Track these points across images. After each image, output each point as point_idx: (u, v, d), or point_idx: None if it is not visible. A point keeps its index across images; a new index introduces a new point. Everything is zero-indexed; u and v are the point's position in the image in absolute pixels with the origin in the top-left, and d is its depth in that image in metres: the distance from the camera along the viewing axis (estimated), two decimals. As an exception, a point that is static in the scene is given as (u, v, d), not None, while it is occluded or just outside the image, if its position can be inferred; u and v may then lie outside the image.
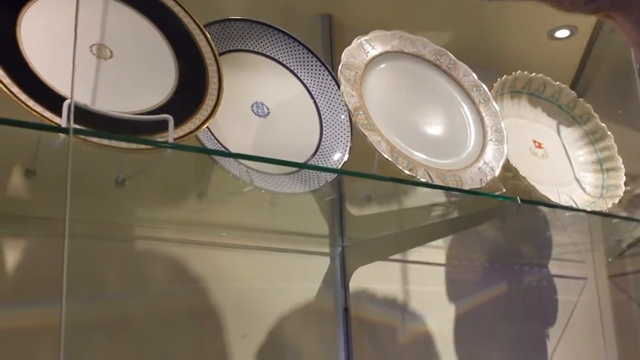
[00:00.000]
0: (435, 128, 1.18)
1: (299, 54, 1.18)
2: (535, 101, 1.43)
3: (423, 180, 1.03)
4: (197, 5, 1.07)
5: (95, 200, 1.01)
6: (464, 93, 1.25)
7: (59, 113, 0.80)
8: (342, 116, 1.14)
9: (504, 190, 1.16)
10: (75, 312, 1.02)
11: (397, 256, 1.48)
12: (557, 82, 1.44)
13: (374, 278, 1.42)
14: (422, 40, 1.25)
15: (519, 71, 1.38)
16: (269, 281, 1.28)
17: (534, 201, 1.23)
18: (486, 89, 1.27)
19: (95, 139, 0.80)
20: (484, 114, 1.23)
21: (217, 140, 1.00)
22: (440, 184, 1.06)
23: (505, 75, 1.35)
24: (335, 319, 1.35)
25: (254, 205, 1.14)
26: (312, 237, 1.37)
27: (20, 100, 0.78)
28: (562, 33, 1.63)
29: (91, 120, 0.83)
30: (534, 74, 1.41)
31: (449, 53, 1.27)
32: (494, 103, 1.26)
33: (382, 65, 1.17)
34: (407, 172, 1.04)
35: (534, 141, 1.38)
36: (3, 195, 1.03)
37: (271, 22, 1.18)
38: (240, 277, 1.25)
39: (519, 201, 1.17)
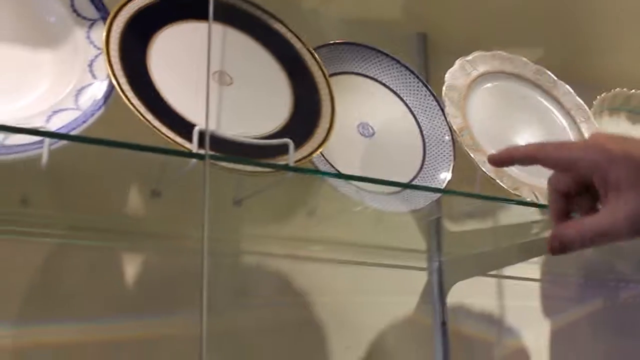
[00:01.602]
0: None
1: (402, 75, 1.21)
2: (634, 118, 1.42)
3: (528, 199, 1.05)
4: (301, 29, 1.12)
5: (213, 218, 1.07)
6: (565, 112, 1.26)
7: (188, 138, 0.85)
8: (446, 137, 1.16)
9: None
10: (190, 324, 1.08)
11: (493, 272, 1.49)
12: (656, 99, 1.43)
13: (471, 293, 1.44)
14: (521, 59, 1.27)
15: (617, 88, 1.38)
16: (370, 295, 1.31)
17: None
18: (586, 107, 1.28)
19: (223, 163, 0.85)
20: (585, 133, 1.24)
21: (327, 161, 1.04)
22: (546, 203, 1.08)
23: (604, 93, 1.35)
24: (433, 333, 1.37)
25: (359, 222, 1.18)
26: (410, 252, 1.40)
27: (155, 127, 0.84)
28: (660, 49, 1.61)
29: (215, 144, 0.88)
30: (632, 90, 1.40)
31: (548, 72, 1.28)
32: (593, 121, 1.26)
33: (485, 86, 1.20)
34: (512, 191, 1.06)
35: (634, 158, 1.37)
36: (128, 213, 1.09)
37: (368, 42, 1.21)
38: (342, 291, 1.28)
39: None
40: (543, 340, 1.54)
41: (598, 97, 1.35)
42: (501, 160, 0.66)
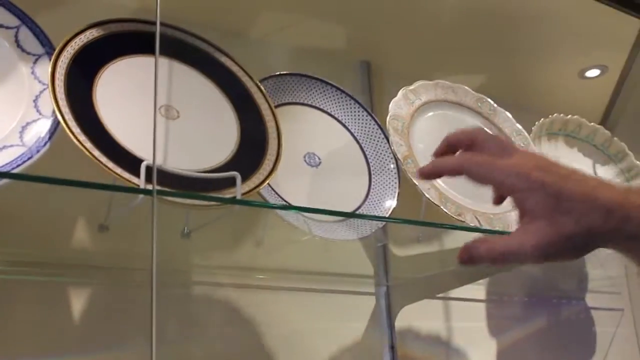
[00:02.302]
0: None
1: (347, 104, 1.23)
2: (572, 142, 1.47)
3: (472, 224, 1.08)
4: (247, 60, 1.14)
5: (161, 251, 1.07)
6: (505, 138, 1.30)
7: (135, 173, 0.86)
8: (391, 165, 1.19)
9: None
10: (141, 356, 1.08)
11: (439, 294, 1.51)
12: (592, 123, 1.48)
13: (418, 316, 1.45)
14: (463, 88, 1.31)
15: (555, 114, 1.43)
16: (319, 322, 1.32)
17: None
18: (526, 133, 1.32)
19: (170, 198, 0.86)
20: (525, 158, 1.28)
21: (275, 191, 1.05)
22: (488, 227, 1.11)
23: (542, 119, 1.40)
24: (382, 356, 1.38)
25: (307, 250, 1.19)
26: (358, 278, 1.41)
27: (101, 162, 0.84)
28: (593, 72, 1.67)
29: (163, 179, 0.88)
30: (569, 116, 1.45)
31: (489, 100, 1.32)
32: (533, 146, 1.30)
33: (428, 114, 1.23)
34: (455, 217, 1.08)
35: (572, 180, 1.41)
36: (75, 247, 1.09)
37: (314, 70, 1.24)
38: (292, 319, 1.29)
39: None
40: (490, 360, 1.57)
41: (537, 122, 1.39)
42: (430, 173, 0.68)
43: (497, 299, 1.64)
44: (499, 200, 0.70)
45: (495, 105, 1.32)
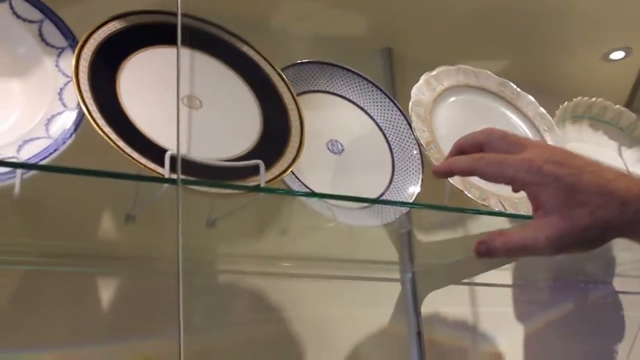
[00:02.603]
0: (504, 157, 1.23)
1: (369, 91, 1.23)
2: (597, 125, 1.46)
3: (496, 209, 1.08)
4: (268, 49, 1.14)
5: (187, 240, 1.08)
6: (528, 122, 1.29)
7: (160, 163, 0.86)
8: (414, 151, 1.19)
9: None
10: (168, 345, 1.09)
11: (465, 280, 1.51)
12: (617, 106, 1.47)
13: (444, 302, 1.46)
14: (485, 72, 1.30)
15: (579, 97, 1.42)
16: (344, 308, 1.32)
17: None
18: (549, 117, 1.31)
19: (195, 187, 0.87)
20: (549, 141, 1.27)
21: (298, 179, 1.06)
22: (513, 212, 1.10)
23: (566, 102, 1.39)
24: (408, 343, 1.38)
25: (331, 237, 1.20)
26: (383, 264, 1.42)
27: (127, 154, 0.85)
28: (617, 55, 1.65)
29: (187, 168, 0.89)
30: (594, 99, 1.44)
31: (511, 84, 1.31)
32: (557, 130, 1.29)
33: (450, 100, 1.22)
34: (480, 202, 1.08)
35: (597, 164, 1.41)
36: (102, 238, 1.10)
37: (335, 58, 1.24)
38: (317, 306, 1.30)
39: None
40: (517, 345, 1.57)
41: (561, 106, 1.38)
42: (442, 172, 0.69)
43: (523, 284, 1.63)
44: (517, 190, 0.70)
45: (518, 89, 1.31)
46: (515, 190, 0.67)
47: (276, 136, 1.02)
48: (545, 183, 0.59)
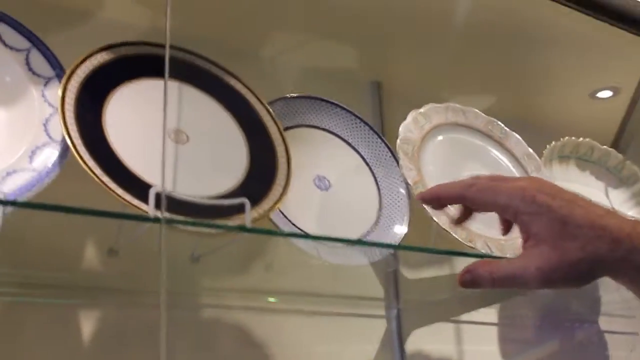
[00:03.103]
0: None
1: (356, 127, 1.23)
2: (584, 165, 1.47)
3: (483, 251, 1.07)
4: (256, 79, 1.13)
5: (171, 274, 1.06)
6: (516, 161, 1.29)
7: (145, 199, 0.85)
8: (401, 190, 1.18)
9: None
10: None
11: (451, 317, 1.50)
12: (604, 146, 1.47)
13: (429, 339, 1.44)
14: (473, 111, 1.30)
15: (567, 137, 1.42)
16: (329, 345, 1.31)
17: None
18: (536, 157, 1.31)
19: (180, 225, 0.86)
20: (536, 182, 1.27)
21: (284, 216, 1.05)
22: (499, 254, 1.10)
23: (553, 142, 1.39)
24: (393, 380, 1.37)
25: (317, 273, 1.19)
26: (369, 301, 1.41)
27: (111, 190, 0.84)
28: (605, 94, 1.66)
29: (172, 205, 0.88)
30: (581, 139, 1.45)
31: (499, 123, 1.31)
32: (544, 170, 1.29)
33: (438, 138, 1.22)
34: (466, 243, 1.07)
35: (584, 204, 1.41)
36: (84, 270, 1.09)
37: (324, 90, 1.23)
38: (302, 342, 1.28)
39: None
40: (502, 384, 1.56)
41: (548, 145, 1.38)
42: (429, 199, 0.68)
43: (509, 322, 1.62)
44: (506, 228, 0.69)
45: (506, 128, 1.31)
46: (506, 225, 0.66)
47: (263, 172, 1.01)
48: (539, 213, 0.58)
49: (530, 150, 1.32)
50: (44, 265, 1.07)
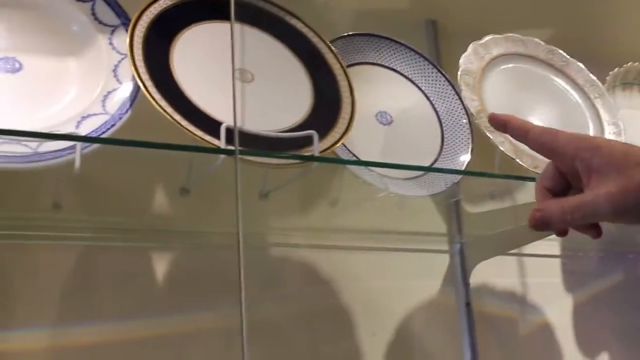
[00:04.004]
0: (553, 125, 1.22)
1: (416, 63, 1.23)
2: (648, 91, 1.45)
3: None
4: (313, 23, 1.14)
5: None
6: (578, 89, 1.28)
7: (215, 136, 0.88)
8: (463, 120, 1.19)
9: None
10: (220, 318, 1.11)
11: (514, 250, 1.51)
12: (669, 70, 1.45)
13: (493, 273, 1.46)
14: (533, 40, 1.29)
15: (629, 63, 1.40)
16: (394, 280, 1.33)
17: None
18: (599, 83, 1.30)
19: (251, 157, 0.88)
20: (600, 109, 1.26)
21: (349, 150, 1.07)
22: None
23: (617, 68, 1.37)
24: (458, 314, 1.39)
25: (381, 209, 1.20)
26: (432, 236, 1.42)
27: (183, 126, 0.86)
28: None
29: (241, 140, 0.90)
30: (645, 64, 1.43)
31: (560, 51, 1.30)
32: (608, 97, 1.28)
33: (499, 68, 1.22)
34: (532, 169, 1.08)
35: (649, 130, 1.40)
36: (157, 212, 1.12)
37: (380, 31, 1.24)
38: (367, 278, 1.31)
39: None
40: (566, 315, 1.56)
41: (611, 72, 1.36)
42: (497, 122, 0.69)
43: (572, 255, 1.63)
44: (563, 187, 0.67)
45: (567, 56, 1.30)
46: (562, 168, 0.65)
47: (327, 108, 1.03)
48: (599, 147, 0.59)
49: (593, 77, 1.30)
50: (118, 210, 1.10)
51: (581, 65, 1.31)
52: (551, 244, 1.58)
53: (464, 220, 1.43)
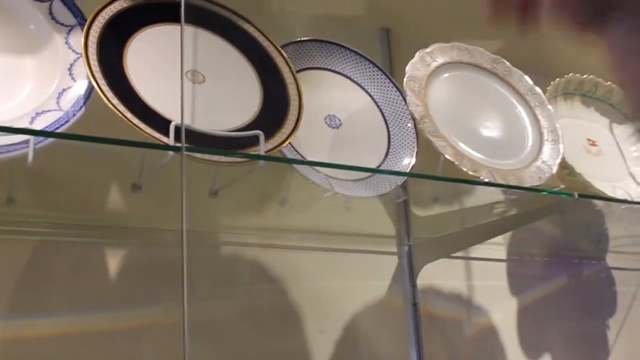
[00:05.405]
0: (495, 132, 1.28)
1: (365, 68, 1.27)
2: (588, 101, 1.50)
3: (487, 180, 1.12)
4: (267, 28, 1.18)
5: (189, 211, 1.12)
6: (520, 97, 1.33)
7: (165, 134, 0.91)
8: (409, 124, 1.23)
9: (562, 186, 1.24)
10: (169, 313, 1.14)
11: (460, 253, 1.55)
12: (608, 82, 1.51)
13: (439, 275, 1.50)
14: (479, 50, 1.34)
15: (571, 74, 1.46)
16: (343, 280, 1.36)
17: (591, 195, 1.29)
18: (540, 92, 1.36)
19: (199, 155, 0.91)
20: (539, 116, 1.32)
21: (297, 152, 1.10)
22: (503, 182, 1.15)
23: (558, 79, 1.43)
24: (405, 314, 1.43)
25: (330, 210, 1.24)
26: (380, 238, 1.46)
27: (134, 124, 0.90)
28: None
29: (191, 138, 0.93)
30: (585, 75, 1.48)
31: (504, 61, 1.35)
32: (548, 105, 1.34)
33: (444, 76, 1.27)
34: (471, 173, 1.12)
35: (588, 139, 1.45)
36: (109, 209, 1.15)
37: (334, 38, 1.28)
38: (316, 277, 1.34)
39: (577, 196, 1.24)
40: (511, 318, 1.61)
41: (552, 82, 1.42)
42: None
43: (517, 259, 1.67)
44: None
45: (510, 65, 1.36)
46: None
47: (275, 109, 1.07)
48: None
49: (534, 86, 1.36)
50: (71, 206, 1.13)
51: (523, 74, 1.36)
52: (497, 248, 1.63)
53: (412, 223, 1.47)
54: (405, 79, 1.18)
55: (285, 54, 1.14)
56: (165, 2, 1.08)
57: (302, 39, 1.23)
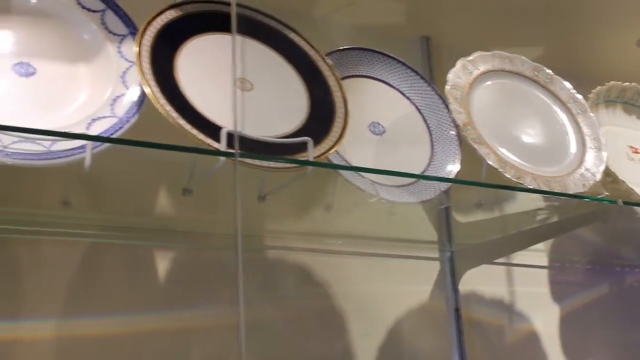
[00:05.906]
0: (537, 139, 1.29)
1: (408, 76, 1.29)
2: (630, 109, 1.50)
3: (531, 187, 1.13)
4: (313, 36, 1.21)
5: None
6: (562, 105, 1.34)
7: (216, 140, 0.94)
8: (452, 132, 1.24)
9: (607, 193, 1.24)
10: (217, 316, 1.16)
11: (502, 259, 1.56)
12: (651, 90, 1.51)
13: (481, 280, 1.51)
14: (520, 58, 1.35)
15: (612, 82, 1.46)
16: (386, 284, 1.38)
17: (635, 203, 1.30)
18: (582, 99, 1.36)
19: (249, 160, 0.94)
20: (582, 124, 1.32)
21: (343, 158, 1.12)
22: (546, 189, 1.16)
23: (599, 86, 1.43)
24: (447, 319, 1.44)
25: (373, 215, 1.26)
26: (423, 244, 1.47)
27: (187, 130, 0.93)
28: (653, 41, 1.68)
29: (240, 145, 0.96)
30: (627, 83, 1.48)
31: (545, 68, 1.36)
32: (590, 113, 1.34)
33: (486, 84, 1.28)
34: (515, 180, 1.14)
35: (630, 147, 1.45)
36: (160, 213, 1.18)
37: (376, 47, 1.30)
38: (360, 282, 1.36)
39: (621, 203, 1.25)
40: (553, 325, 1.61)
41: (593, 90, 1.42)
42: None
43: (559, 266, 1.67)
44: None
45: (552, 73, 1.36)
46: None
47: (322, 116, 1.09)
48: None
49: (576, 93, 1.36)
50: (123, 210, 1.16)
51: (565, 82, 1.37)
52: (539, 255, 1.64)
53: (454, 229, 1.48)
54: (447, 87, 1.19)
55: (330, 62, 1.17)
56: (215, 11, 1.11)
57: (346, 47, 1.25)
